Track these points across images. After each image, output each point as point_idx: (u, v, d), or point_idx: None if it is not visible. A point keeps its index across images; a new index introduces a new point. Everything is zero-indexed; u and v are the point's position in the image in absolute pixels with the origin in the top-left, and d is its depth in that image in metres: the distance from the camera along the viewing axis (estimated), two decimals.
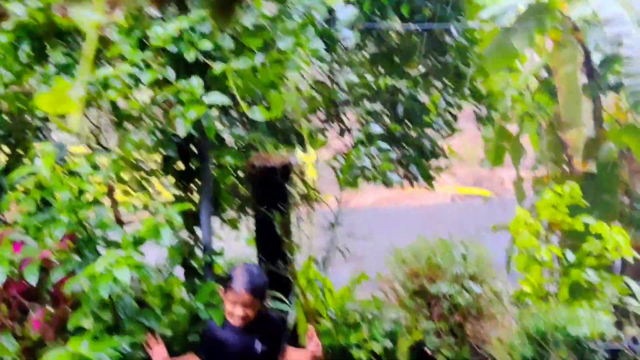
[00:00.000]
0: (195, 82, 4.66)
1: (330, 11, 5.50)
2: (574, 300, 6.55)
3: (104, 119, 5.95)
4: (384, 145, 5.49)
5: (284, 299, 5.44)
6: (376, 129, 5.73)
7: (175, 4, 5.07)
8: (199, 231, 5.42)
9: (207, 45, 4.77)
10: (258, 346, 4.35)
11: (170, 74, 4.75)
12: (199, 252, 5.41)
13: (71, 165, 4.57)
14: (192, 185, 5.53)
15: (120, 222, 4.77)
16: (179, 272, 5.49)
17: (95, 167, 4.77)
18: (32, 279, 4.42)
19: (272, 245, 5.72)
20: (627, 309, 6.61)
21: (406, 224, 6.39)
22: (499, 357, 5.69)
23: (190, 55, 4.75)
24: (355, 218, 6.17)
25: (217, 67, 4.73)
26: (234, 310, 4.26)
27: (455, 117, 7.96)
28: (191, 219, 5.43)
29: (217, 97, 4.65)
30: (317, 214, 6.50)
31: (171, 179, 5.61)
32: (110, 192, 4.74)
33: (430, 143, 7.80)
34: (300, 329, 6.35)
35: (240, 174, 6.64)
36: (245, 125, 6.20)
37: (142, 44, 4.86)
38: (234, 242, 7.25)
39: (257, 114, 4.92)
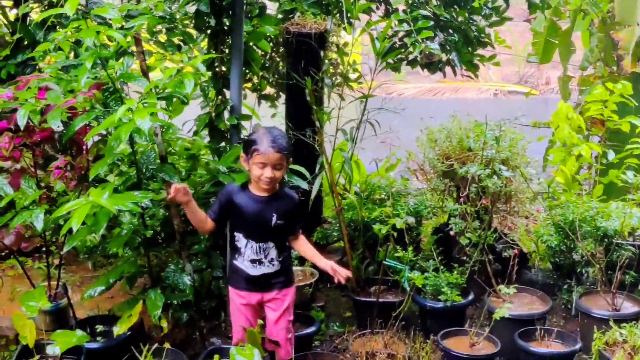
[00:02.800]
0: None
1: None
2: (608, 199, 6.39)
3: None
4: (424, 12, 5.26)
5: (306, 174, 5.34)
6: None
7: None
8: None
9: None
10: (274, 219, 4.30)
11: None
12: (227, 116, 5.34)
13: (99, 11, 4.44)
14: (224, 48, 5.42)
15: (146, 75, 4.65)
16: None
17: (128, 17, 4.67)
18: (54, 124, 4.35)
19: (302, 113, 5.59)
20: None
21: (447, 114, 6.19)
22: (524, 244, 5.60)
23: None
24: (396, 104, 6.00)
25: None
26: (264, 172, 4.17)
27: (506, 2, 7.62)
28: (220, 81, 5.34)
29: None
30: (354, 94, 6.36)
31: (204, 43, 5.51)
32: (137, 42, 4.61)
33: (476, 29, 7.52)
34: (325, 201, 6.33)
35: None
36: None
37: None
38: (270, 120, 7.17)
39: None
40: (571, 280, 5.83)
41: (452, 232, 5.47)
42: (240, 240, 4.36)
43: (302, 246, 4.56)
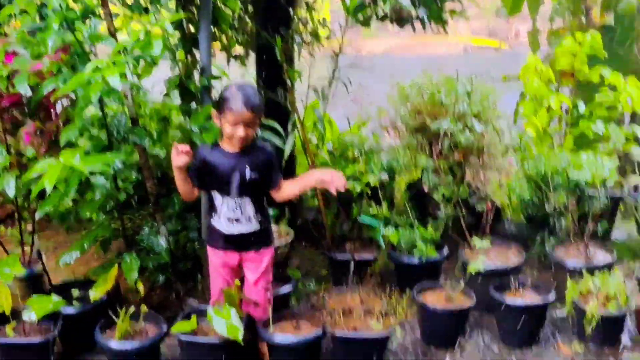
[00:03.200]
0: None
1: None
2: (579, 150, 6.43)
3: None
4: None
5: (280, 129, 5.33)
6: None
7: None
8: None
9: None
10: (248, 172, 4.27)
11: None
12: (197, 76, 5.29)
13: None
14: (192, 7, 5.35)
15: (114, 36, 4.59)
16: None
17: None
18: (22, 88, 4.30)
19: (272, 72, 5.56)
20: (632, 159, 6.48)
21: (417, 70, 6.16)
22: (497, 197, 5.63)
23: None
24: (366, 61, 5.97)
25: None
26: (236, 131, 4.14)
27: None
28: (190, 41, 5.28)
29: None
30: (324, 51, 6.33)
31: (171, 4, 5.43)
32: (104, 3, 4.53)
33: None
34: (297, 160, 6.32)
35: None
36: None
37: None
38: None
39: None
40: (544, 232, 5.88)
41: (425, 188, 5.49)
42: (217, 198, 4.33)
43: (288, 187, 4.44)
